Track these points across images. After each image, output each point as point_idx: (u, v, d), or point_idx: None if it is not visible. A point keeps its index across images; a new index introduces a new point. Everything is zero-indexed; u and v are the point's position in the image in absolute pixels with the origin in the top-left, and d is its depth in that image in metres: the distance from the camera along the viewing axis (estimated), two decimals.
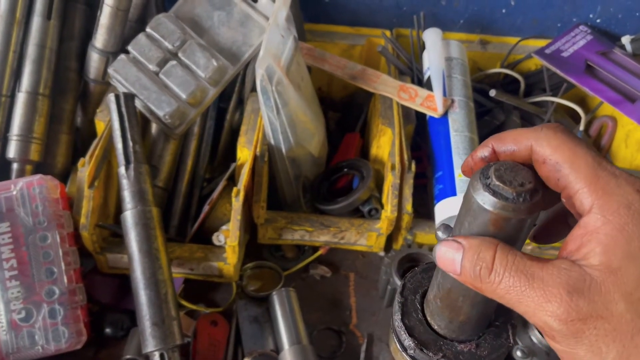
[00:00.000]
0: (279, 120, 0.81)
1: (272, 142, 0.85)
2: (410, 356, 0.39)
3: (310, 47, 1.00)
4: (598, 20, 1.09)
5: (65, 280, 0.74)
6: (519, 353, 0.76)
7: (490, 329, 0.40)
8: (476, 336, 0.40)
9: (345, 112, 1.12)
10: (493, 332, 0.40)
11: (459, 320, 0.39)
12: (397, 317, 0.41)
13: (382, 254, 0.93)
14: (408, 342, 0.39)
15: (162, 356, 0.71)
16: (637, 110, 0.93)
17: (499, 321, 0.40)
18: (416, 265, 0.87)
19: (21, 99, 0.84)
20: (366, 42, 1.09)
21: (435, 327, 0.40)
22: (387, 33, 1.07)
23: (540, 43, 1.08)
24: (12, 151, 0.84)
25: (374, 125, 0.97)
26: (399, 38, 1.09)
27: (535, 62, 1.09)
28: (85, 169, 0.78)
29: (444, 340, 0.40)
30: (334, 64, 0.98)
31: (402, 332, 0.40)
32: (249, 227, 0.90)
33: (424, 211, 0.94)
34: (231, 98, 0.95)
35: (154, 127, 0.90)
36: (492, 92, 0.92)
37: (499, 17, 1.10)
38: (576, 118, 1.03)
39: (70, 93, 0.90)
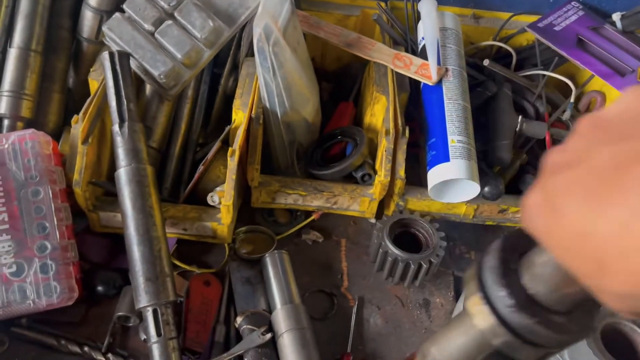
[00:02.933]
0: (274, 82, 0.81)
1: (268, 105, 0.85)
2: (500, 314, 0.37)
3: (306, 14, 1.00)
4: None
5: (58, 235, 0.74)
6: None
7: (580, 307, 0.38)
8: (568, 310, 0.38)
9: (338, 83, 1.12)
10: (583, 310, 0.38)
11: (564, 291, 0.36)
12: (493, 273, 0.38)
13: (373, 220, 0.94)
14: (506, 300, 0.37)
15: (155, 312, 0.70)
16: (626, 84, 0.94)
17: (588, 301, 0.37)
18: (407, 231, 0.89)
19: (13, 54, 0.82)
20: (361, 12, 1.09)
21: (532, 292, 0.37)
22: (382, 4, 1.08)
23: (532, 19, 1.09)
24: (2, 107, 0.83)
25: (368, 93, 0.97)
26: (393, 10, 1.09)
27: (527, 38, 1.10)
28: (78, 125, 0.77)
29: (538, 306, 0.37)
30: (329, 32, 0.98)
31: (499, 289, 0.37)
32: (243, 191, 0.90)
33: (415, 180, 0.95)
34: (225, 63, 0.94)
35: (148, 88, 0.89)
36: (486, 62, 0.93)
37: None
38: (566, 93, 1.05)
39: (63, 51, 0.89)
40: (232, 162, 0.77)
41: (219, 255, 0.88)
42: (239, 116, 0.85)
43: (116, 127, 0.77)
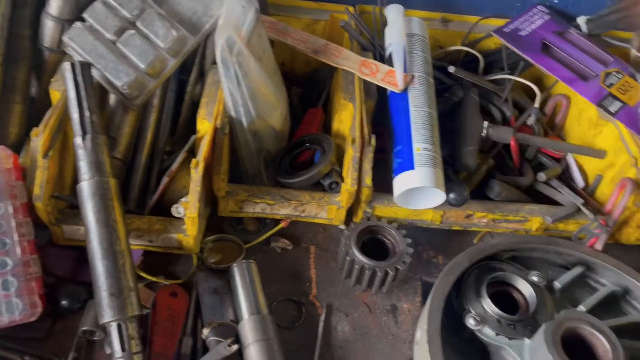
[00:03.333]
0: (239, 92, 0.81)
1: (233, 114, 0.85)
2: None
3: (273, 20, 1.00)
4: (555, 0, 1.12)
5: (19, 251, 0.73)
6: (471, 320, 0.79)
7: None
8: None
9: (308, 88, 1.12)
10: None
11: None
12: None
13: (342, 227, 0.94)
14: None
15: (119, 327, 0.70)
16: (589, 89, 0.96)
17: None
18: (375, 238, 0.90)
19: None
20: (330, 17, 1.09)
21: None
22: (351, 9, 1.08)
23: (500, 22, 1.10)
24: None
25: (336, 100, 0.97)
26: (362, 14, 1.09)
27: (495, 41, 1.11)
28: (39, 138, 0.76)
29: None
30: (296, 38, 0.97)
31: None
32: (210, 200, 0.90)
33: (385, 185, 0.96)
34: (192, 70, 0.94)
35: (112, 98, 0.88)
36: (451, 69, 0.94)
37: None
38: (532, 96, 1.06)
39: (24, 62, 0.87)
40: (196, 174, 0.77)
41: (187, 265, 0.87)
42: (204, 126, 0.84)
43: (78, 140, 0.76)
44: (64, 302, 0.78)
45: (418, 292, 0.90)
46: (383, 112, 0.99)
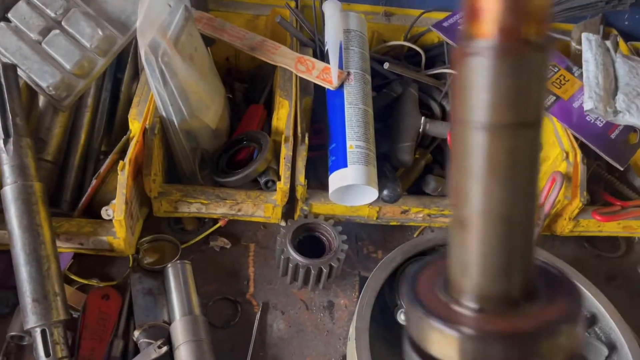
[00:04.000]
0: (167, 91, 0.80)
1: (164, 114, 0.84)
2: None
3: (211, 17, 0.99)
4: None
5: None
6: (402, 316, 0.80)
7: None
8: None
9: (252, 84, 1.12)
10: None
11: None
12: None
13: (283, 224, 0.95)
14: None
15: (43, 332, 0.70)
16: None
17: None
18: (312, 235, 0.90)
19: None
20: (271, 12, 1.08)
21: None
22: (292, 4, 1.07)
23: (443, 15, 1.10)
24: None
25: (275, 97, 0.97)
26: (304, 9, 1.09)
27: (438, 35, 1.12)
28: None
29: None
30: (233, 35, 0.97)
31: None
32: (147, 200, 0.89)
33: (326, 182, 0.96)
34: (126, 69, 0.92)
35: (41, 100, 0.87)
36: (386, 65, 0.94)
37: None
38: None
39: None
40: (122, 177, 0.76)
41: (124, 267, 0.87)
42: (135, 126, 0.84)
43: (1, 143, 0.75)
44: None
45: (356, 288, 0.91)
46: (323, 108, 0.99)
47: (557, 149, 0.92)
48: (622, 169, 0.91)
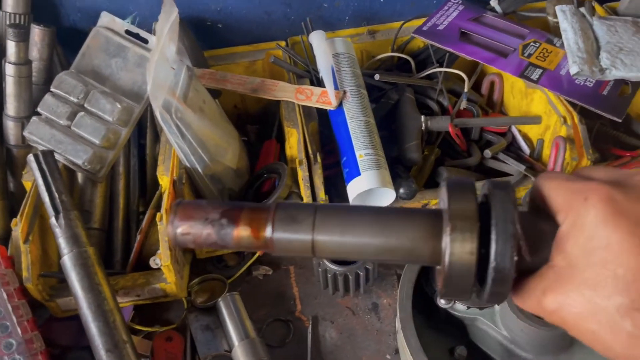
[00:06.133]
0: (185, 143, 0.88)
1: (187, 164, 0.93)
2: None
3: (212, 71, 1.08)
4: None
5: (20, 331, 0.81)
6: (442, 300, 0.84)
7: None
8: None
9: (262, 123, 1.20)
10: None
11: None
12: None
13: None
14: None
15: None
16: (509, 64, 1.03)
17: None
18: None
19: None
20: (265, 55, 1.17)
21: None
22: (282, 43, 1.16)
23: (421, 21, 1.17)
24: None
25: (284, 129, 1.05)
26: (294, 45, 1.18)
27: (422, 41, 1.19)
28: (18, 227, 0.84)
29: None
30: (235, 82, 1.06)
31: None
32: None
33: (346, 196, 1.02)
34: (147, 133, 1.02)
35: (79, 176, 0.96)
36: (376, 76, 1.01)
37: (379, 7, 1.20)
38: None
39: None
40: (162, 226, 0.84)
41: (179, 310, 0.94)
42: (164, 181, 0.92)
43: (53, 220, 0.84)
44: None
45: (395, 286, 0.96)
46: (329, 130, 1.06)
47: (555, 116, 0.97)
48: (620, 120, 0.95)
